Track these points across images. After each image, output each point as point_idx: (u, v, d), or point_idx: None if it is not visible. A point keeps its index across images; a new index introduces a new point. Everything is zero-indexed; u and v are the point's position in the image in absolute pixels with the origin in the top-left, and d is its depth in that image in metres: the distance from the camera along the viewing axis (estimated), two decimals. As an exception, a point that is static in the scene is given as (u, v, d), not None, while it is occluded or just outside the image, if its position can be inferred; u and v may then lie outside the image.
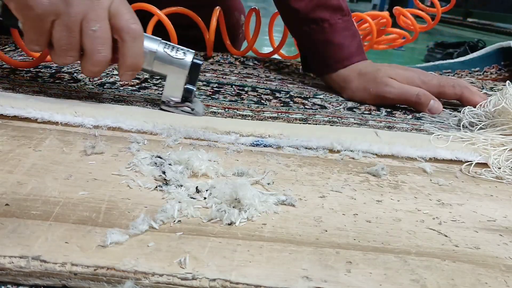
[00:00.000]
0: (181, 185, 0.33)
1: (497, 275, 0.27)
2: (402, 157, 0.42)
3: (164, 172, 0.34)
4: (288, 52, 0.84)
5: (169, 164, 0.35)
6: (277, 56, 0.78)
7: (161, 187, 0.32)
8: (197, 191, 0.32)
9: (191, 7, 0.67)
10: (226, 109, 0.51)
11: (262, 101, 0.56)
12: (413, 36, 0.88)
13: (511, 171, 0.41)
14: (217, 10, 0.68)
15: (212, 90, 0.58)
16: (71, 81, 0.54)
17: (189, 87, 0.46)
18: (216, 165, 0.36)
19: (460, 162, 0.42)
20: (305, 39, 0.64)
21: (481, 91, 0.63)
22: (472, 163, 0.42)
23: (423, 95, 0.56)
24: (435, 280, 0.26)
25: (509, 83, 0.50)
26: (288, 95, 0.59)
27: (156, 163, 0.35)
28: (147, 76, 0.60)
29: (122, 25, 0.42)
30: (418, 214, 0.33)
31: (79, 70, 0.59)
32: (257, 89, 0.61)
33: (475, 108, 0.53)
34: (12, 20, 0.42)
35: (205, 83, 0.61)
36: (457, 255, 0.28)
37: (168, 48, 0.45)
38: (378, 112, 0.56)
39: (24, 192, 0.30)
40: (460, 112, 0.54)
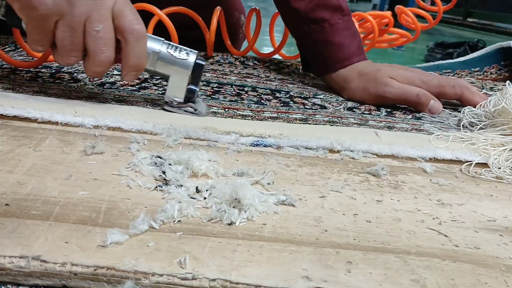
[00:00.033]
0: (181, 185, 0.33)
1: (497, 275, 0.27)
2: (402, 157, 0.42)
3: (164, 172, 0.34)
4: (288, 52, 0.84)
5: (169, 164, 0.35)
6: (277, 56, 0.78)
7: (161, 187, 0.32)
8: (197, 191, 0.32)
9: (191, 7, 0.67)
10: (226, 109, 0.51)
11: (262, 101, 0.56)
12: (415, 35, 0.89)
13: (511, 171, 0.41)
14: (218, 10, 0.68)
15: (212, 90, 0.58)
16: (71, 81, 0.54)
17: (192, 87, 0.46)
18: (216, 165, 0.36)
19: (460, 162, 0.42)
20: (305, 39, 0.64)
21: (481, 91, 0.63)
22: (472, 163, 0.42)
23: (423, 95, 0.56)
24: (435, 280, 0.26)
25: (509, 83, 0.50)
26: (288, 95, 0.59)
27: (156, 163, 0.35)
28: (147, 76, 0.60)
29: (125, 25, 0.42)
30: (418, 214, 0.33)
31: (79, 70, 0.59)
32: (257, 89, 0.61)
33: (475, 108, 0.53)
34: (15, 20, 0.42)
35: (205, 83, 0.61)
36: (457, 255, 0.28)
37: (171, 49, 0.45)
38: (378, 112, 0.56)
39: (24, 192, 0.30)
40: (460, 112, 0.54)
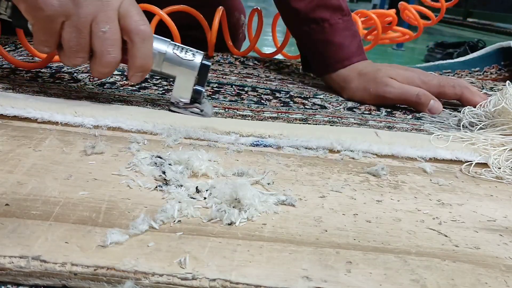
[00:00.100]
0: (181, 185, 0.33)
1: (497, 275, 0.27)
2: (402, 157, 0.42)
3: (164, 172, 0.34)
4: (288, 52, 0.84)
5: (169, 164, 0.35)
6: (279, 56, 0.78)
7: (161, 187, 0.32)
8: (197, 191, 0.32)
9: (191, 7, 0.67)
10: (226, 109, 0.51)
11: (262, 101, 0.56)
12: (417, 32, 0.92)
13: (511, 171, 0.41)
14: (220, 10, 0.68)
15: (212, 90, 0.58)
16: (71, 81, 0.54)
17: (198, 88, 0.46)
18: (216, 165, 0.36)
19: (460, 162, 0.42)
20: (305, 39, 0.64)
21: (481, 91, 0.63)
22: (472, 163, 0.42)
23: (423, 95, 0.56)
24: (435, 280, 0.26)
25: (509, 83, 0.50)
26: (288, 95, 0.59)
27: (156, 163, 0.35)
28: (147, 76, 0.60)
29: (131, 26, 0.42)
30: (418, 214, 0.33)
31: (79, 70, 0.59)
32: (257, 89, 0.61)
33: (475, 108, 0.53)
34: (21, 21, 0.42)
35: (205, 83, 0.61)
36: (457, 255, 0.28)
37: (178, 49, 0.45)
38: (378, 112, 0.56)
39: (24, 192, 0.30)
40: (460, 112, 0.54)
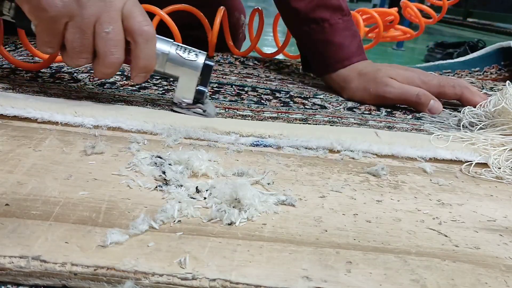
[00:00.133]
0: (181, 185, 0.33)
1: (497, 275, 0.27)
2: (402, 157, 0.42)
3: (164, 172, 0.34)
4: (289, 52, 0.84)
5: (169, 164, 0.35)
6: (280, 56, 0.78)
7: (161, 187, 0.32)
8: (197, 191, 0.32)
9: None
10: (226, 109, 0.51)
11: (262, 101, 0.56)
12: (419, 30, 0.95)
13: (511, 171, 0.41)
14: (222, 10, 0.68)
15: (212, 90, 0.58)
16: (71, 81, 0.54)
17: (201, 88, 0.46)
18: (216, 165, 0.36)
19: (460, 162, 0.42)
20: (305, 39, 0.64)
21: (481, 91, 0.63)
22: (472, 163, 0.42)
23: (423, 95, 0.56)
24: (435, 280, 0.26)
25: (509, 83, 0.50)
26: (288, 95, 0.59)
27: (156, 163, 0.35)
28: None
29: (135, 27, 0.42)
30: (418, 214, 0.33)
31: (79, 70, 0.59)
32: (257, 89, 0.61)
33: (475, 108, 0.53)
34: (25, 22, 0.42)
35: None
36: (457, 255, 0.28)
37: (181, 50, 0.45)
38: (378, 112, 0.56)
39: (24, 192, 0.30)
40: (460, 112, 0.54)
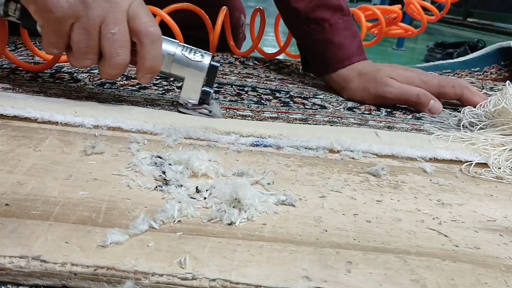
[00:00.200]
0: (181, 185, 0.33)
1: (497, 275, 0.27)
2: (402, 157, 0.42)
3: (164, 172, 0.34)
4: (289, 52, 0.84)
5: (169, 164, 0.35)
6: (281, 56, 0.78)
7: (161, 187, 0.32)
8: (197, 191, 0.32)
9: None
10: (226, 109, 0.51)
11: (262, 101, 0.56)
12: (421, 27, 0.97)
13: (511, 171, 0.41)
14: (224, 10, 0.68)
15: (212, 90, 0.58)
16: (71, 81, 0.54)
17: (206, 89, 0.46)
18: (216, 165, 0.36)
19: (460, 162, 0.42)
20: (305, 39, 0.64)
21: (481, 91, 0.63)
22: (472, 163, 0.42)
23: (423, 95, 0.56)
24: (435, 280, 0.26)
25: (509, 83, 0.50)
26: (288, 95, 0.59)
27: (156, 163, 0.35)
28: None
29: (140, 28, 0.42)
30: (418, 214, 0.33)
31: (79, 70, 0.59)
32: (257, 89, 0.61)
33: (475, 108, 0.53)
34: (30, 22, 0.42)
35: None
36: (457, 255, 0.28)
37: (186, 51, 0.45)
38: (378, 112, 0.56)
39: (24, 192, 0.30)
40: (460, 112, 0.54)
